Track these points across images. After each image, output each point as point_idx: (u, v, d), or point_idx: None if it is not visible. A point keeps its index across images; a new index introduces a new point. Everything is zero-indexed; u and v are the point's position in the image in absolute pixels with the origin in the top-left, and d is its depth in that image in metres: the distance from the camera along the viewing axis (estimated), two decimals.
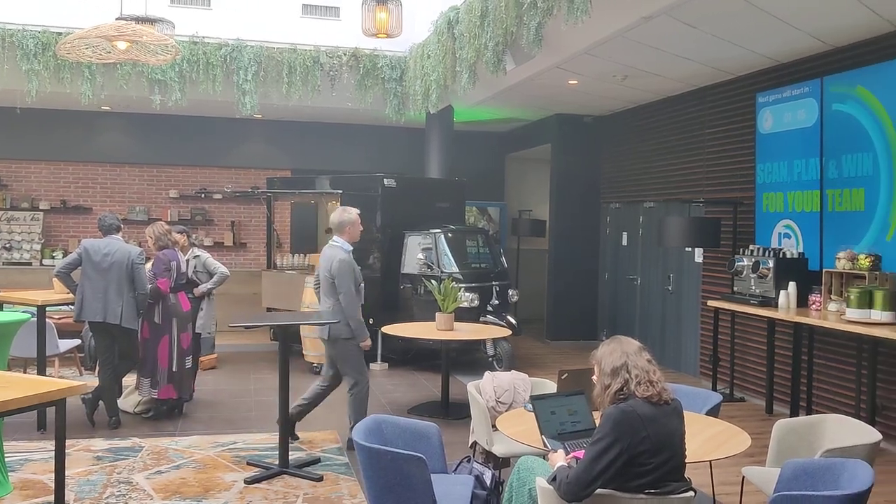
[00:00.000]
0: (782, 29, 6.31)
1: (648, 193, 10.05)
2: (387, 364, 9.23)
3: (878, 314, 5.74)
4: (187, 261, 7.40)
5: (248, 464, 5.56)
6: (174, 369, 6.63)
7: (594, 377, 3.25)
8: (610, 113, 10.91)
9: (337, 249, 5.87)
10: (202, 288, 7.51)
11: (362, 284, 6.03)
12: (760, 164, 7.72)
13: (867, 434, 3.96)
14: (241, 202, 12.63)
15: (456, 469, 4.50)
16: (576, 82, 8.71)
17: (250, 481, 5.19)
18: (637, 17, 6.09)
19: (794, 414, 6.54)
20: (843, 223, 6.68)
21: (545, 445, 3.45)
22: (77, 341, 7.98)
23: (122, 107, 11.23)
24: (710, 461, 3.84)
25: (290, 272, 10.21)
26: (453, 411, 7.13)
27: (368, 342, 5.89)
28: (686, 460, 3.16)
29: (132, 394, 6.87)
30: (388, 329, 7.40)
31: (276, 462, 5.45)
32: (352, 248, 5.91)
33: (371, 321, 9.05)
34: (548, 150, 11.63)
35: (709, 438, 3.80)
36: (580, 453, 3.36)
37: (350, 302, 5.77)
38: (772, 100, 7.56)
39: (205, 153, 12.49)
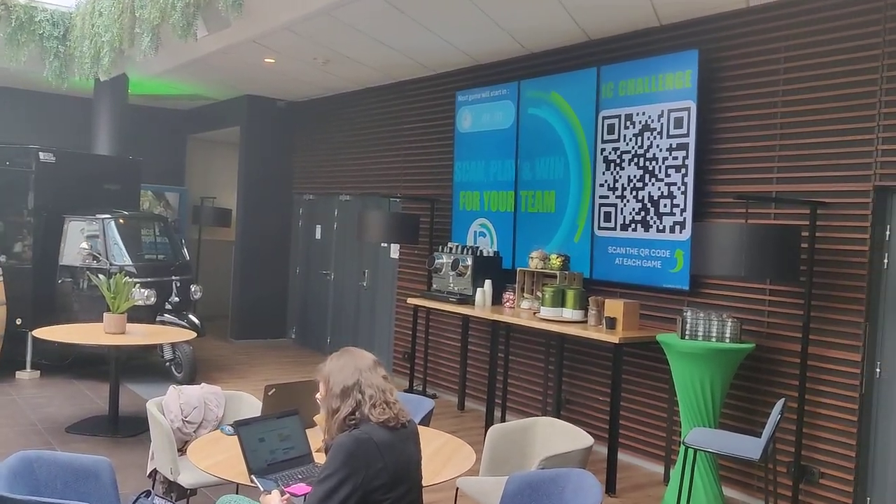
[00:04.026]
0: (488, 26, 6.29)
1: (344, 186, 9.72)
2: (38, 372, 7.80)
3: (569, 312, 5.93)
4: None
5: None
6: None
7: (319, 396, 2.72)
8: (306, 99, 10.40)
9: None
10: None
11: None
12: (458, 162, 7.74)
13: (579, 438, 3.93)
14: None
15: None
16: (273, 61, 8.06)
17: None
18: None
19: (489, 410, 6.58)
20: (535, 224, 6.88)
21: (255, 485, 2.84)
22: None
23: None
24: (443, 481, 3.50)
25: None
26: (125, 427, 6.13)
27: None
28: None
29: None
30: (43, 332, 6.13)
31: None
32: None
33: (19, 322, 7.65)
34: (236, 132, 10.79)
35: (433, 455, 3.46)
36: (296, 488, 2.82)
37: None
38: (471, 99, 7.60)
39: None
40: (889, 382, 4.70)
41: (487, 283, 6.80)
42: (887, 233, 4.70)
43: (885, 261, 4.70)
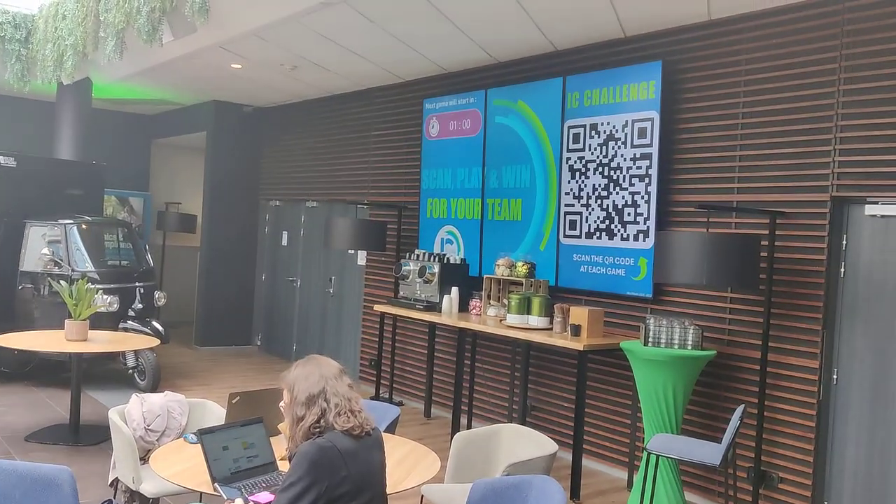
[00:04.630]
0: (458, 37, 6.33)
1: (311, 192, 9.69)
2: None
3: (535, 320, 5.98)
4: None
5: None
6: None
7: (282, 404, 2.72)
8: (273, 105, 10.36)
9: None
10: None
11: None
12: (426, 169, 7.76)
13: (543, 445, 3.96)
14: None
15: None
16: (240, 66, 8.02)
17: None
18: (316, 2, 5.66)
19: (455, 417, 6.60)
20: (501, 231, 6.93)
21: (219, 494, 2.82)
22: None
23: None
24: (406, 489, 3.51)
25: None
26: (86, 436, 6.04)
27: None
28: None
29: None
30: (2, 339, 6.03)
31: None
32: None
33: None
34: (202, 138, 10.71)
35: (398, 463, 3.47)
36: (260, 496, 2.82)
37: None
38: (438, 107, 7.64)
39: None
40: (846, 389, 4.80)
41: (454, 290, 6.83)
42: (844, 242, 4.82)
43: (842, 270, 4.81)
